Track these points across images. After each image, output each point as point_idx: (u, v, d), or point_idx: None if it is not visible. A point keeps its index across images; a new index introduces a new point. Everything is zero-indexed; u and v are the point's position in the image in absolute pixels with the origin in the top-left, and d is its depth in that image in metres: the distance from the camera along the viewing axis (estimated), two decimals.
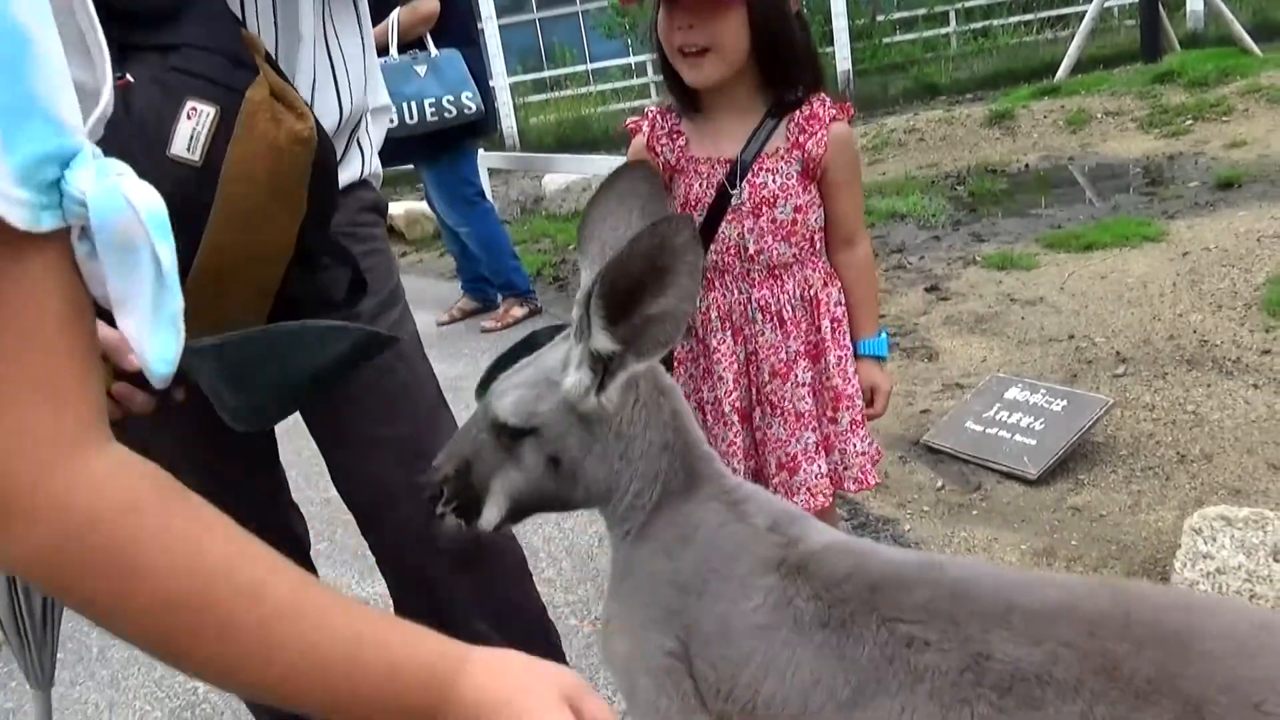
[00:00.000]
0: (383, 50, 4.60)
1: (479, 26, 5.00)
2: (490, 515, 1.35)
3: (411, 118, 4.79)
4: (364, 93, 1.66)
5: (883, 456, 2.23)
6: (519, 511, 1.38)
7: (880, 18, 15.65)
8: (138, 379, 1.22)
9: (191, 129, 1.27)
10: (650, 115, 2.09)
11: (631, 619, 1.38)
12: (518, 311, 5.69)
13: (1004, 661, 1.09)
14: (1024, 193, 6.81)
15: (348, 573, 3.11)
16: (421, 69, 4.75)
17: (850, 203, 2.04)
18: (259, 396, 1.39)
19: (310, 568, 1.93)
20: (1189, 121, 7.51)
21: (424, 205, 8.21)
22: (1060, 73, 9.83)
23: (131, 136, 1.27)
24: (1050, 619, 1.10)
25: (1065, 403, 3.30)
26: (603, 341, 1.25)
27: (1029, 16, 14.99)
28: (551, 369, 1.34)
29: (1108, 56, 10.84)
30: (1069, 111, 8.14)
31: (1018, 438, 3.25)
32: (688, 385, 2.15)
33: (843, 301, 2.07)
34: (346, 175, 1.66)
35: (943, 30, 15.66)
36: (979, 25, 15.60)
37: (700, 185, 2.01)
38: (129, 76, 1.29)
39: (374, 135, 1.76)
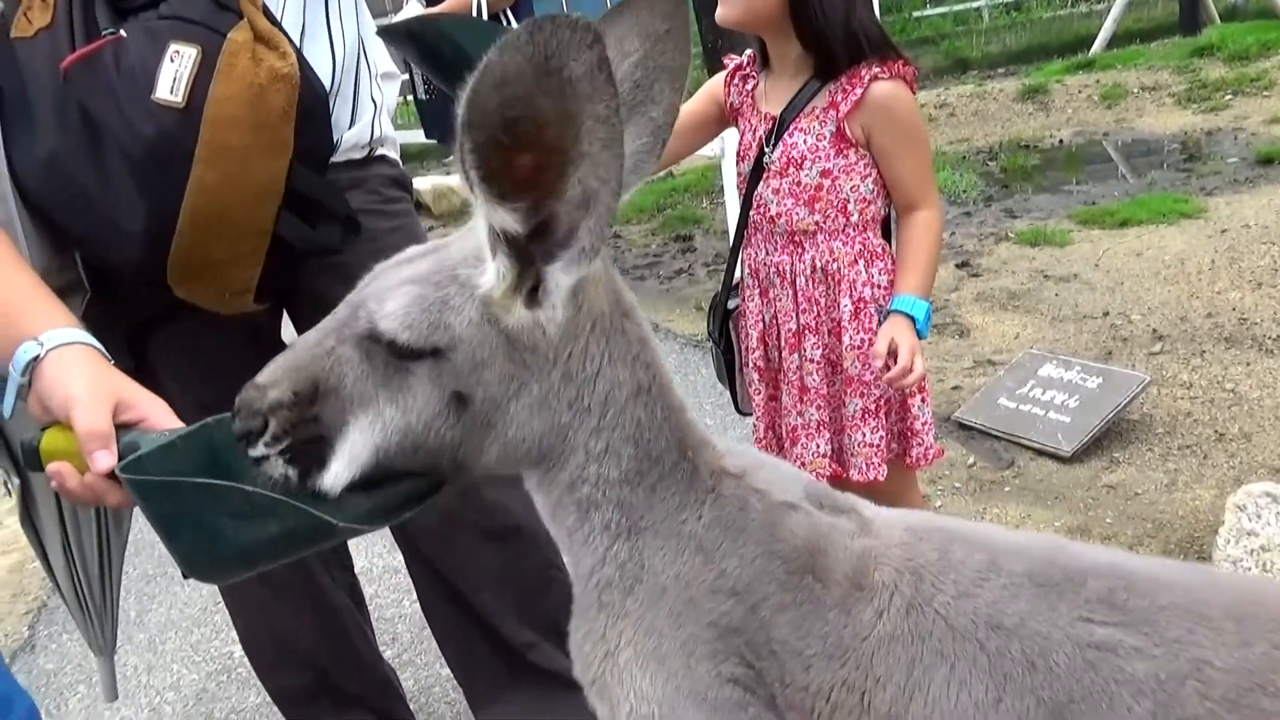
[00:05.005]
0: None
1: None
2: (338, 471, 0.96)
3: None
4: (358, 40, 1.65)
5: (941, 454, 2.10)
6: (383, 471, 0.98)
7: None
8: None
9: (174, 71, 1.30)
10: (743, 58, 2.09)
11: (658, 644, 1.01)
12: None
13: (1226, 669, 0.89)
14: (1057, 169, 6.71)
15: (379, 541, 3.13)
16: None
17: (906, 167, 1.91)
18: (186, 548, 1.05)
19: None
20: (1228, 96, 7.37)
21: (450, 180, 8.22)
22: (1095, 47, 9.65)
23: (119, 88, 1.31)
24: (1244, 616, 0.92)
25: (1100, 380, 3.26)
26: (499, 215, 0.87)
27: None
28: (465, 259, 0.96)
29: (1144, 30, 10.63)
30: (1104, 86, 8.00)
31: (1051, 415, 3.22)
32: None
33: (878, 283, 1.96)
34: (360, 128, 1.66)
35: (974, 4, 15.40)
36: None
37: (750, 137, 2.01)
38: (122, 33, 1.32)
39: (386, 93, 1.76)
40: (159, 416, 1.14)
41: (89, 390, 1.10)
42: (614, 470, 1.00)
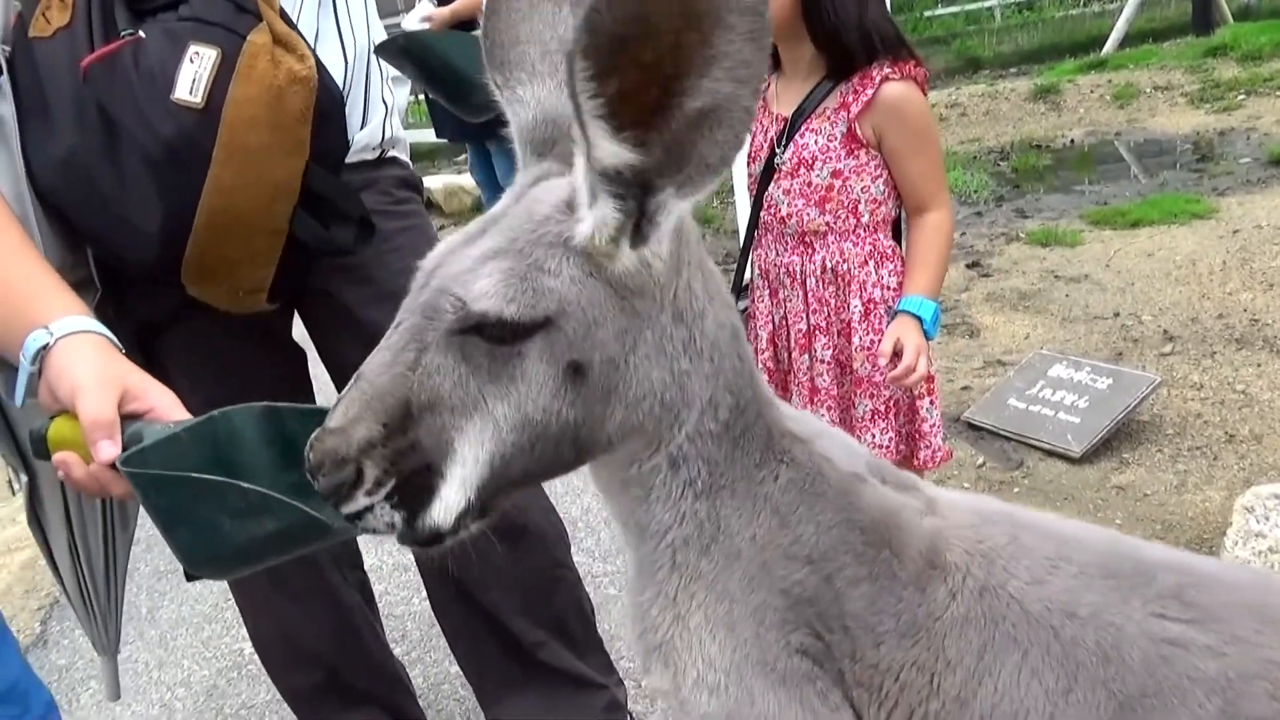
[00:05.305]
0: (474, 24, 4.65)
1: None
2: (452, 498, 0.86)
3: None
4: (368, 43, 1.67)
5: (950, 456, 2.08)
6: (503, 482, 0.88)
7: None
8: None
9: (194, 72, 1.31)
10: None
11: (729, 609, 0.97)
12: None
13: None
14: (1069, 169, 6.70)
15: (389, 538, 3.14)
16: None
17: (916, 168, 1.90)
18: (185, 543, 1.08)
19: None
20: (1241, 96, 7.33)
21: (461, 178, 8.24)
22: (1108, 46, 9.61)
23: (139, 88, 1.32)
24: None
25: (1110, 381, 3.26)
26: (610, 150, 0.78)
27: None
28: (546, 218, 0.87)
29: (1157, 30, 10.57)
30: (1116, 86, 7.97)
31: (1061, 415, 3.21)
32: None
33: (888, 284, 1.96)
34: (371, 130, 1.67)
35: (986, 3, 15.34)
36: None
37: (761, 137, 2.02)
38: (141, 34, 1.33)
39: (397, 95, 1.77)
40: (167, 407, 1.14)
41: (95, 379, 1.09)
42: (712, 422, 0.94)
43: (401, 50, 1.74)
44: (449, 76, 1.68)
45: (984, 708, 0.92)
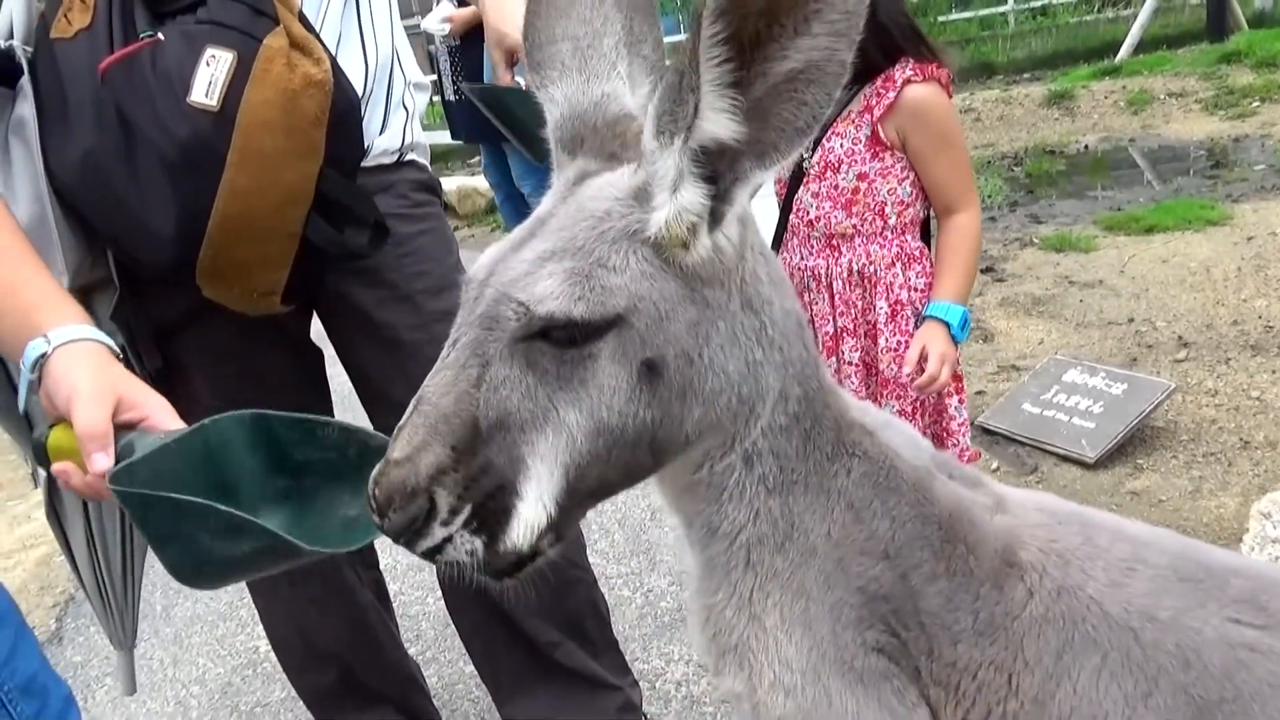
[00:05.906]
0: None
1: None
2: (532, 515, 0.84)
3: None
4: (391, 48, 1.67)
5: (977, 457, 2.07)
6: (579, 494, 0.86)
7: None
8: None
9: (210, 75, 1.32)
10: None
11: (805, 608, 0.95)
12: None
13: None
14: (1083, 174, 6.68)
15: None
16: None
17: (941, 169, 1.90)
18: (172, 557, 1.10)
19: None
20: (1255, 103, 7.31)
21: (475, 180, 8.27)
22: (1122, 52, 9.58)
23: (155, 91, 1.33)
24: None
25: (1125, 386, 3.25)
26: (723, 124, 0.76)
27: None
28: (607, 213, 0.84)
29: (1171, 36, 10.54)
30: (1130, 92, 7.95)
31: (1076, 420, 3.21)
32: None
33: (915, 285, 1.96)
34: (390, 135, 1.68)
35: (1000, 8, 15.31)
36: (1038, 3, 15.24)
37: None
38: (160, 36, 1.35)
39: (418, 100, 1.79)
40: (160, 416, 1.16)
41: (90, 389, 1.11)
42: (782, 415, 0.92)
43: (478, 94, 1.94)
44: (509, 124, 1.81)
45: (1061, 710, 0.90)
